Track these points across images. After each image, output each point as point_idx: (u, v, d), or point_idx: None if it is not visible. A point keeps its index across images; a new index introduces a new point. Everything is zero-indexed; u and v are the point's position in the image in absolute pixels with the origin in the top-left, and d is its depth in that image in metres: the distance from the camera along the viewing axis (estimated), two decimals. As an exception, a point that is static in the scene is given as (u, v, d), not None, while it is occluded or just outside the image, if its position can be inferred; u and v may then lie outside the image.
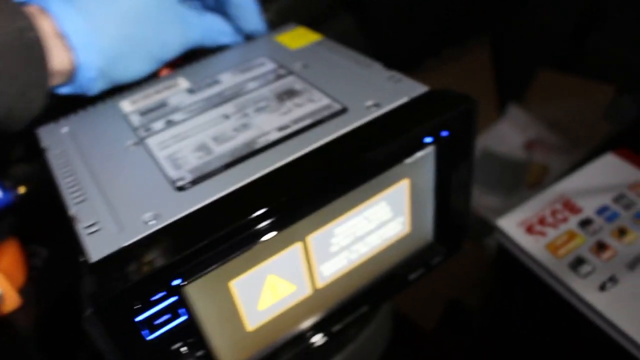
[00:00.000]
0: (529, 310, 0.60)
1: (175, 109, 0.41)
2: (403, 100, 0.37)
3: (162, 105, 0.41)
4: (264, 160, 0.34)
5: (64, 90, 0.40)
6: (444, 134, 0.36)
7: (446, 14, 0.91)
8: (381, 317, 0.51)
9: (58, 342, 0.45)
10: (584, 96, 0.96)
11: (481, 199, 0.94)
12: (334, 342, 0.47)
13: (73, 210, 0.33)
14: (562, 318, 0.53)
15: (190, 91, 0.43)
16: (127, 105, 0.42)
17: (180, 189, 0.32)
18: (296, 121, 0.37)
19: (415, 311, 0.83)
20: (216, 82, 0.43)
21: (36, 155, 0.48)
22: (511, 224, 0.56)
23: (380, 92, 0.38)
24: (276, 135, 0.36)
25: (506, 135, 1.00)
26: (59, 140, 0.40)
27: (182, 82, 0.44)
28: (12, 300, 0.44)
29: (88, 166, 0.37)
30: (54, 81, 0.38)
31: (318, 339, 0.39)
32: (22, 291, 0.46)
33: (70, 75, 0.39)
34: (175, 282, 0.28)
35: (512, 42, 1.05)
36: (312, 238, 0.34)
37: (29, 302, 0.46)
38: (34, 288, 0.47)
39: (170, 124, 0.39)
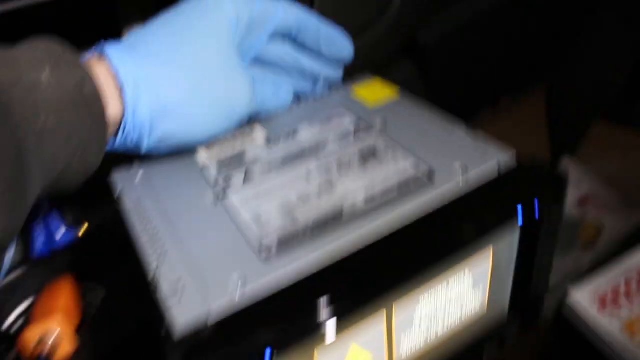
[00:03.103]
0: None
1: (254, 161, 0.40)
2: (492, 170, 0.36)
3: (239, 156, 0.41)
4: (352, 231, 0.32)
5: (114, 145, 0.37)
6: (533, 213, 0.35)
7: (503, 63, 0.90)
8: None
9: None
10: (641, 153, 0.94)
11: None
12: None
13: (153, 272, 0.32)
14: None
15: (268, 142, 0.42)
16: (203, 153, 0.42)
17: (267, 254, 0.31)
18: (382, 188, 0.35)
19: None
20: (295, 133, 0.42)
21: (99, 194, 0.48)
22: (583, 299, 0.53)
23: (466, 158, 0.37)
24: (363, 204, 0.34)
25: (559, 189, 0.97)
26: (133, 188, 0.39)
27: (259, 132, 0.43)
28: (70, 343, 0.43)
29: (166, 220, 0.36)
30: (110, 133, 0.36)
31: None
32: (78, 333, 0.45)
33: (120, 123, 0.36)
34: (267, 351, 0.27)
35: (566, 94, 1.03)
36: (397, 306, 0.33)
37: (84, 346, 0.45)
38: (90, 331, 0.46)
39: (250, 178, 0.38)
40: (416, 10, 0.67)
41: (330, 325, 0.29)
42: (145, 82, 0.36)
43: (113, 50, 0.36)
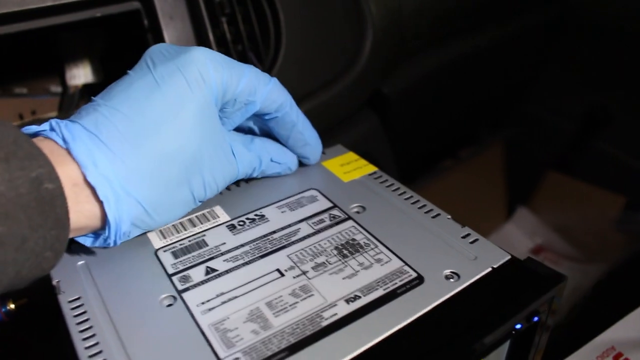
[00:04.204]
0: None
1: (216, 252, 0.35)
2: (485, 271, 0.33)
3: (199, 245, 0.36)
4: (335, 344, 0.28)
5: (87, 243, 0.34)
6: (534, 319, 0.32)
7: (463, 114, 0.89)
8: None
9: None
10: (594, 203, 0.94)
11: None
12: None
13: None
14: None
15: (232, 228, 0.37)
16: (156, 239, 0.36)
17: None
18: (365, 290, 0.32)
19: None
20: (261, 217, 0.38)
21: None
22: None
23: (456, 255, 0.34)
24: (345, 309, 0.30)
25: (513, 238, 0.97)
26: (74, 279, 0.34)
27: (221, 214, 0.38)
28: None
29: (112, 323, 0.30)
30: (75, 234, 0.32)
31: None
32: None
33: (98, 229, 0.33)
34: None
35: (521, 142, 1.04)
36: None
37: None
38: None
39: (212, 274, 0.33)
40: (381, 63, 0.65)
41: None
42: (123, 189, 0.31)
43: (80, 145, 0.31)
